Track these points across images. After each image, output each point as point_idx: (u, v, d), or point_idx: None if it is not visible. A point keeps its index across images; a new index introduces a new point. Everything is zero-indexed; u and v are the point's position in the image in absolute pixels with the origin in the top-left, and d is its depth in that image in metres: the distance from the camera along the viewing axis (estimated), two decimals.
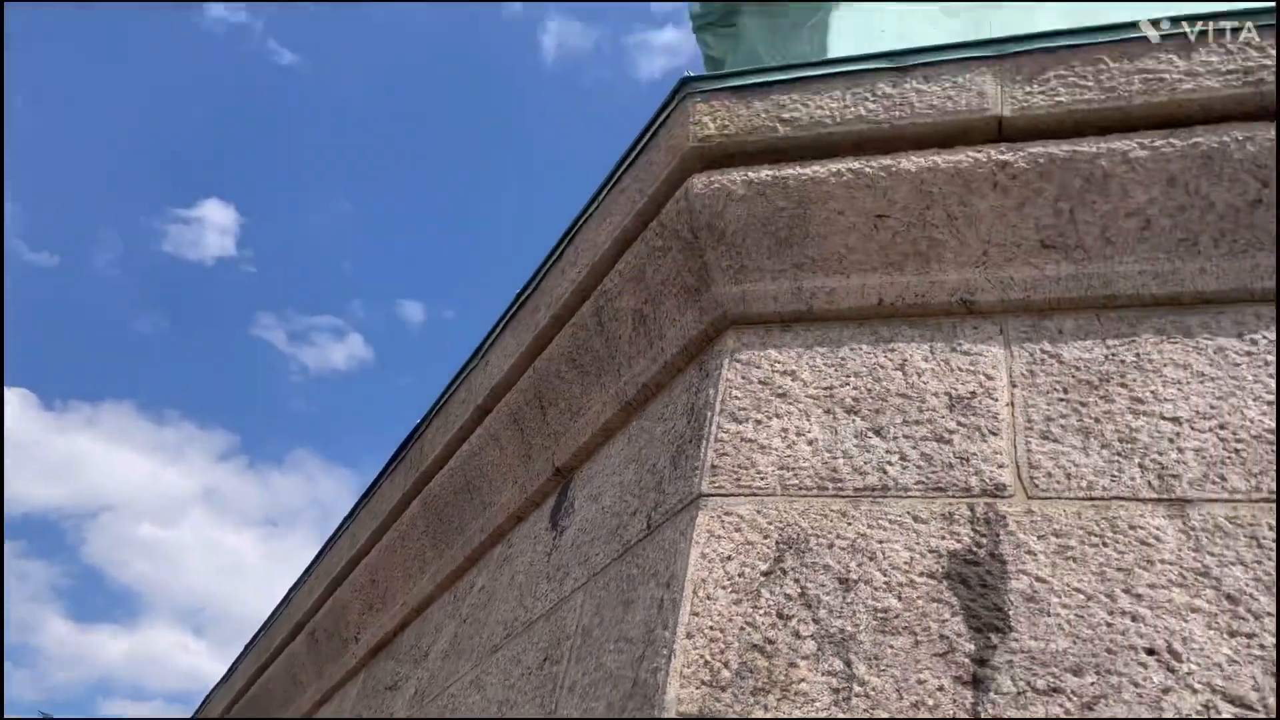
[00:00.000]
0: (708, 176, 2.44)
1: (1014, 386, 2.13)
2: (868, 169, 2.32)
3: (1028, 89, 2.24)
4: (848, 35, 3.04)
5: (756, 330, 2.41)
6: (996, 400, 2.12)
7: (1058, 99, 2.21)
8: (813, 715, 1.72)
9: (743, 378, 2.34)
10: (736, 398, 2.30)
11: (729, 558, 2.01)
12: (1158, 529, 1.85)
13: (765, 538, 2.06)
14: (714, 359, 2.43)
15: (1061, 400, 2.07)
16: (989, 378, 2.16)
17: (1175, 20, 2.18)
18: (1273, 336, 2.01)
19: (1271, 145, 2.03)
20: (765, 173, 2.40)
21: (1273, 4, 1.99)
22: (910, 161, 2.29)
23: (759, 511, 2.10)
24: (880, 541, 1.98)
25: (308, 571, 4.66)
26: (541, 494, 3.05)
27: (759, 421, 2.25)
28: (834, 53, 3.00)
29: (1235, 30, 2.08)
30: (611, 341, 2.73)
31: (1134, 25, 2.21)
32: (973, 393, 2.15)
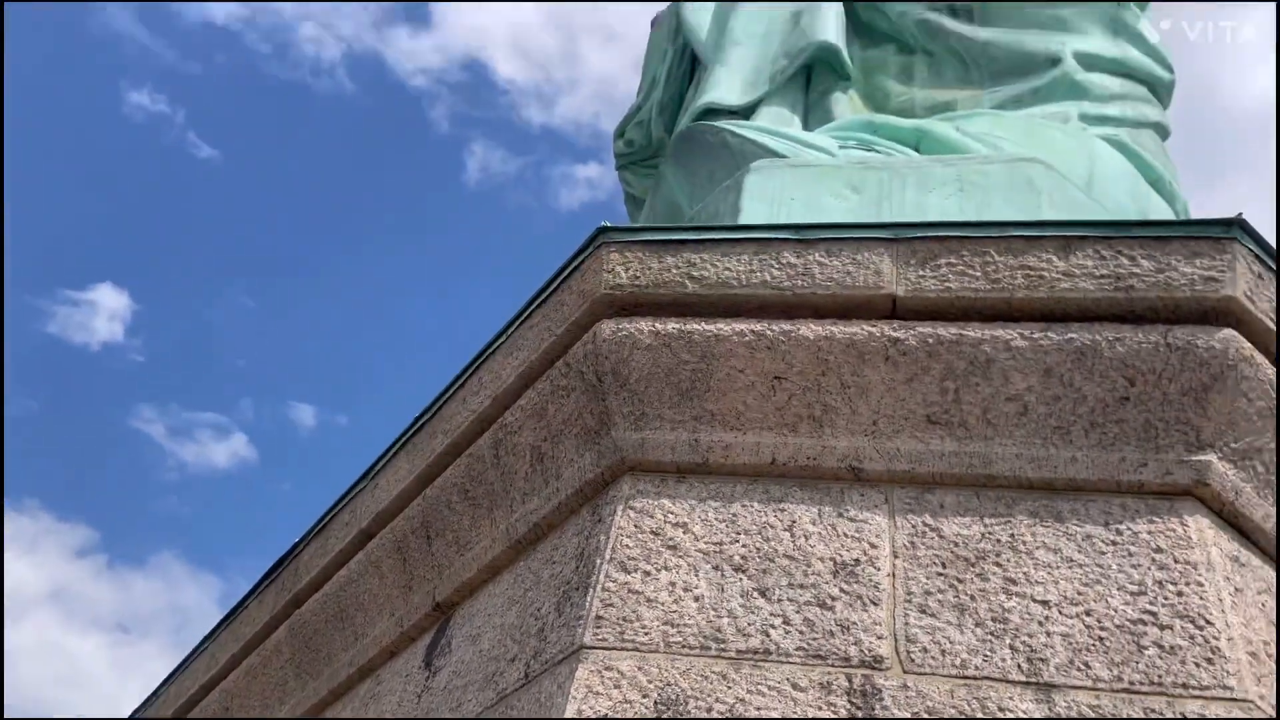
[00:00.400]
0: (616, 323, 2.49)
1: (896, 557, 2.18)
2: (769, 332, 2.40)
3: (921, 272, 2.38)
4: (760, 198, 3.19)
5: (652, 478, 2.43)
6: (879, 570, 2.16)
7: (948, 284, 2.35)
8: None
9: (635, 526, 2.33)
10: (627, 546, 2.29)
11: (605, 717, 1.96)
12: (1024, 712, 1.88)
13: (644, 696, 2.02)
14: (608, 504, 2.42)
15: (940, 575, 2.13)
16: (873, 546, 2.20)
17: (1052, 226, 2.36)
18: (1136, 528, 2.12)
19: (1139, 348, 2.19)
20: (672, 325, 2.46)
21: (1144, 220, 2.18)
22: (809, 329, 2.38)
23: (640, 668, 2.06)
24: (759, 709, 1.96)
25: (155, 694, 4.33)
26: (418, 629, 2.94)
27: (648, 573, 2.24)
28: (746, 213, 3.14)
29: (1108, 239, 2.26)
30: (507, 476, 2.70)
31: (1019, 224, 2.39)
32: (857, 560, 2.19)
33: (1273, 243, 2.25)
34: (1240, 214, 2.22)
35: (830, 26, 4.60)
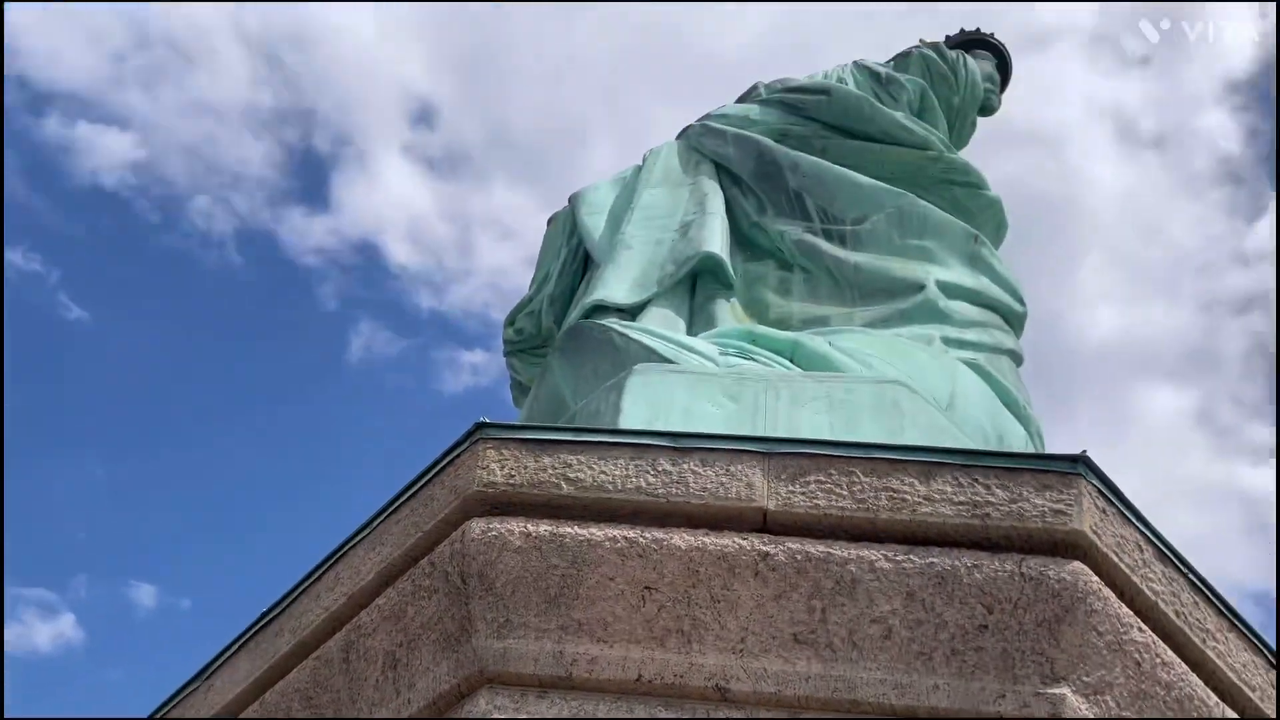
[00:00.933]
0: (487, 523, 2.43)
1: None
2: (642, 539, 2.38)
3: (791, 487, 2.43)
4: (641, 401, 3.25)
5: (512, 692, 2.30)
6: None
7: (816, 501, 2.40)
8: None
9: None
10: None
11: None
12: None
13: None
14: None
15: None
16: None
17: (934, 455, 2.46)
18: None
19: (995, 575, 2.25)
20: (544, 528, 2.41)
21: (998, 450, 2.29)
22: (682, 539, 2.37)
23: None
24: None
25: None
26: None
27: None
28: (627, 415, 3.18)
29: (966, 468, 2.37)
30: (356, 683, 2.52)
31: (884, 447, 2.48)
32: None
33: (1115, 479, 2.40)
34: (1085, 451, 2.37)
35: (716, 238, 4.88)
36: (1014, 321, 5.06)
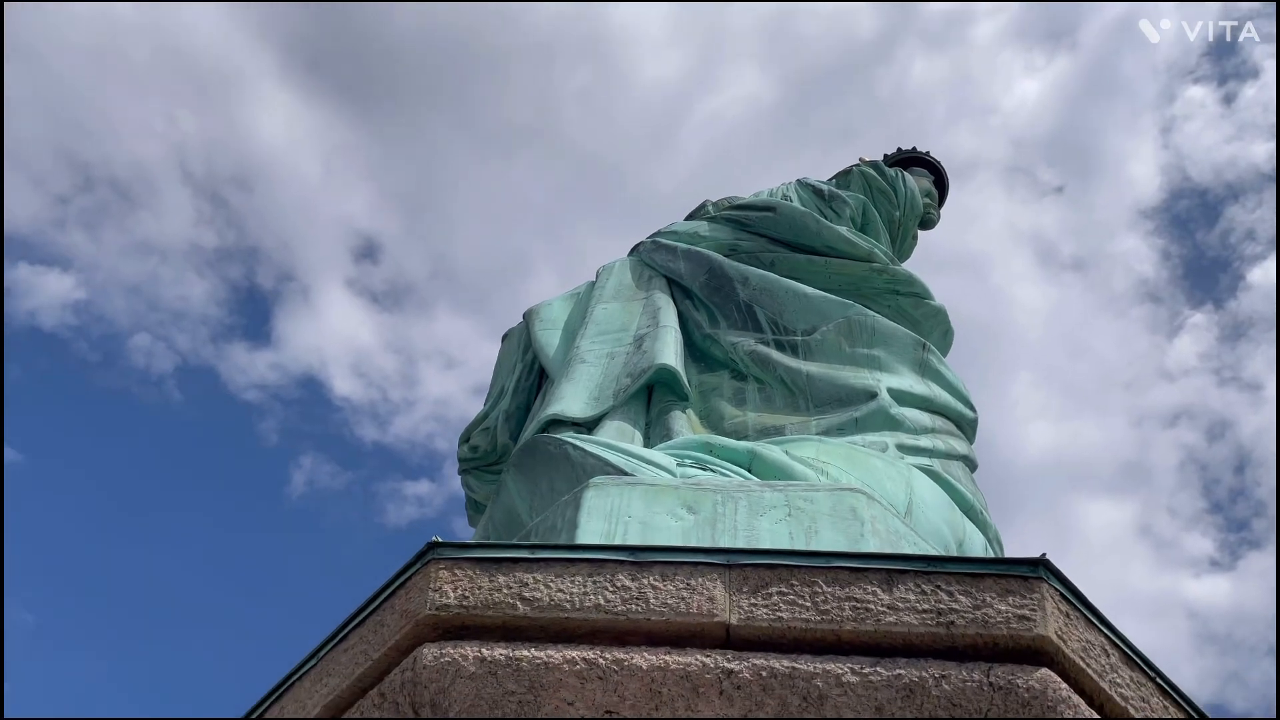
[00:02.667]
0: (439, 648, 2.33)
1: None
2: (601, 659, 2.30)
3: (753, 600, 2.38)
4: (598, 515, 3.19)
5: None
6: None
7: (779, 614, 2.35)
8: None
9: None
10: None
11: None
12: None
13: None
14: None
15: None
16: None
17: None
18: None
19: (964, 686, 2.20)
20: (499, 651, 2.32)
21: (959, 557, 2.27)
22: (643, 658, 2.29)
23: None
24: None
25: None
26: None
27: None
28: (584, 529, 3.12)
29: (928, 574, 2.34)
30: None
31: (845, 555, 2.45)
32: None
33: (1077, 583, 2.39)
34: (1044, 554, 2.36)
35: (670, 351, 4.92)
36: (966, 427, 5.13)
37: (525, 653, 2.32)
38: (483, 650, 2.33)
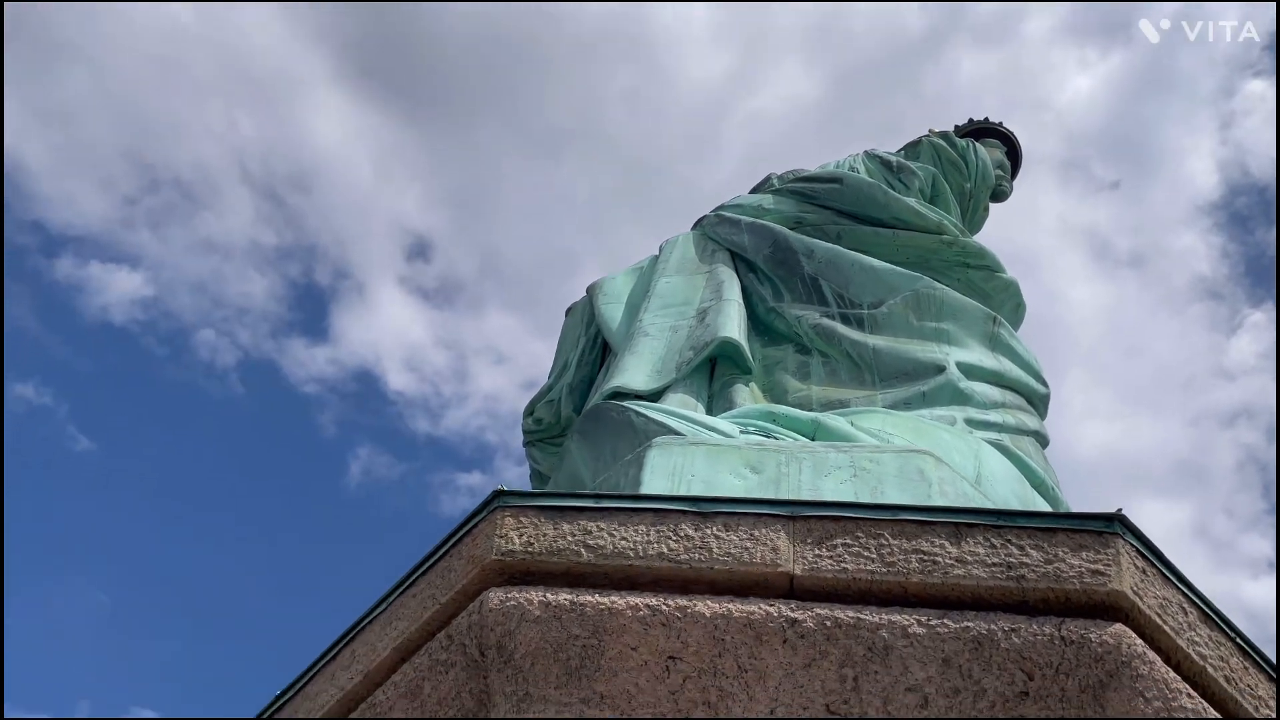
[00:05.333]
0: (505, 592, 2.36)
1: None
2: (665, 606, 2.31)
3: (817, 551, 2.36)
4: (660, 473, 3.20)
5: None
6: None
7: (844, 565, 2.32)
8: None
9: None
10: None
11: None
12: None
13: None
14: None
15: None
16: None
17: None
18: None
19: (1034, 640, 2.16)
20: (564, 596, 2.34)
21: (1030, 510, 2.22)
22: (706, 606, 2.29)
23: None
24: None
25: None
26: None
27: None
28: (647, 486, 3.13)
29: (998, 528, 2.30)
30: None
31: (912, 508, 2.42)
32: None
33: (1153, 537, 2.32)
34: (1120, 509, 2.30)
35: (733, 324, 4.90)
36: (1037, 402, 5.00)
37: (589, 599, 2.34)
38: (547, 595, 2.35)
